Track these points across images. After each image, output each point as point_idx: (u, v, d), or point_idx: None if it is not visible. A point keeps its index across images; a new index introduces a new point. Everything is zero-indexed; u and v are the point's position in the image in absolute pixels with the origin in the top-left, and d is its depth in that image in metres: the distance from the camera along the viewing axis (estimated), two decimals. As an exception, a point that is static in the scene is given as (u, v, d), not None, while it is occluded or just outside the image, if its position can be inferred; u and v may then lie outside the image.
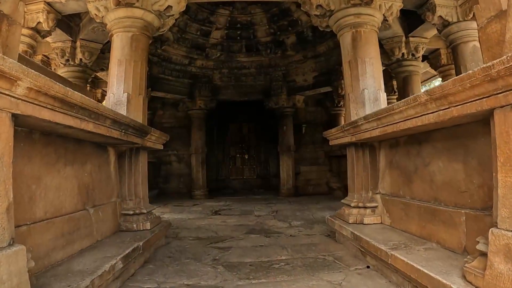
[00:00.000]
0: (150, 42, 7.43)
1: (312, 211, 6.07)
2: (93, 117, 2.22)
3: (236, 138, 10.51)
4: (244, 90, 8.82)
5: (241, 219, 5.43)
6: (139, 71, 3.57)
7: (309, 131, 9.24)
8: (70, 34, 5.40)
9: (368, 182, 3.65)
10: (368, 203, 3.58)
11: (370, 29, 3.83)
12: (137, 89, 3.53)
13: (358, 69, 3.65)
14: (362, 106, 3.61)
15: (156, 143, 3.67)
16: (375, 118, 2.72)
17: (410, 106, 2.23)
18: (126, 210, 3.49)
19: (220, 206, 7.07)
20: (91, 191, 3.00)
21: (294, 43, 7.93)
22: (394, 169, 3.34)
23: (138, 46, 3.63)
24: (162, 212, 6.19)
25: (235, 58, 8.37)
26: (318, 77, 8.10)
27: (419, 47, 5.79)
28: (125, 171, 3.52)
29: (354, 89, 3.64)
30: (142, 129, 3.10)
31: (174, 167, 9.01)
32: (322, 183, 8.96)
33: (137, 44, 3.63)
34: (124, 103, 3.47)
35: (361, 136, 3.14)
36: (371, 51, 3.75)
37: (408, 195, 3.12)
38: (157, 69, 7.85)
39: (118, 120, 2.52)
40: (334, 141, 3.89)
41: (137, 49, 3.61)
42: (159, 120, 9.13)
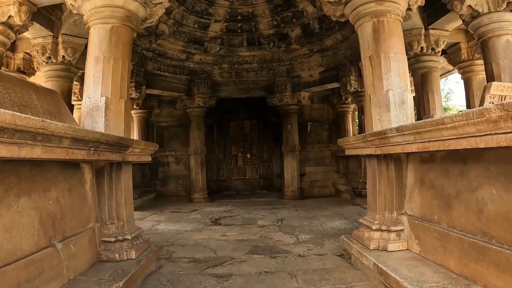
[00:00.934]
0: (144, 36, 6.84)
1: (320, 220, 5.47)
2: (40, 139, 1.60)
3: (237, 136, 9.89)
4: (245, 86, 8.16)
5: (243, 231, 4.85)
6: (120, 70, 2.94)
7: (314, 130, 8.60)
8: (51, 29, 4.75)
9: (392, 201, 3.04)
10: (392, 226, 2.97)
11: (395, 19, 3.17)
12: (118, 92, 2.90)
13: (382, 66, 3.00)
14: (386, 110, 2.97)
15: (142, 155, 3.06)
16: (413, 132, 2.09)
17: (472, 122, 1.61)
18: (107, 237, 2.90)
19: (221, 212, 6.49)
20: (60, 221, 2.41)
21: (299, 36, 7.23)
22: (426, 188, 2.73)
23: (119, 41, 2.99)
24: (157, 222, 5.62)
25: (236, 53, 7.69)
26: (324, 72, 7.42)
27: (440, 40, 5.10)
28: (104, 190, 2.91)
29: (376, 90, 3.00)
30: (120, 143, 2.49)
31: (172, 169, 8.41)
32: (328, 184, 8.36)
33: (118, 38, 2.98)
34: (101, 109, 2.85)
35: (390, 150, 2.52)
36: (396, 44, 3.09)
37: (446, 222, 2.52)
38: (152, 65, 7.20)
39: (81, 138, 1.90)
40: (351, 150, 3.27)
41: (117, 44, 2.97)
42: (156, 119, 8.51)
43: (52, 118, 2.69)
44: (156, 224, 5.46)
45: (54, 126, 1.62)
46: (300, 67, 7.69)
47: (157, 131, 8.51)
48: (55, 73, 4.95)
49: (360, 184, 6.85)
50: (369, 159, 3.11)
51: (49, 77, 4.99)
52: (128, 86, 3.07)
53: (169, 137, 8.53)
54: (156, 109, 8.46)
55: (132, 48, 6.66)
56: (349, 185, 7.61)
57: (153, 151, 3.33)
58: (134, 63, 6.74)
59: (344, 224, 5.12)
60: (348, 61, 6.80)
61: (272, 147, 9.69)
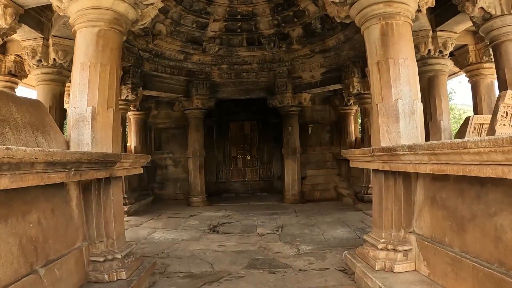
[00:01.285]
0: (141, 36, 6.60)
1: (321, 228, 5.27)
2: (6, 168, 1.39)
3: (237, 138, 9.67)
4: (245, 87, 7.92)
5: (242, 241, 4.65)
6: (108, 77, 2.71)
7: (316, 132, 8.37)
8: (41, 31, 4.51)
9: (400, 219, 2.83)
10: (399, 246, 2.76)
11: (404, 21, 2.93)
12: (105, 101, 2.68)
13: (390, 72, 2.76)
14: (395, 121, 2.75)
15: (132, 169, 2.85)
16: (428, 152, 1.88)
17: (501, 150, 1.39)
18: (95, 256, 2.70)
19: (219, 218, 6.28)
20: (42, 244, 2.22)
21: (300, 36, 6.98)
22: (437, 207, 2.52)
23: (107, 45, 2.76)
24: (153, 229, 5.42)
25: (235, 53, 7.44)
26: (326, 73, 7.17)
27: (448, 43, 4.85)
28: (92, 207, 2.71)
29: (384, 99, 2.77)
30: (105, 160, 2.27)
31: (170, 172, 8.21)
32: (330, 188, 8.15)
33: (105, 42, 2.76)
34: (88, 120, 2.63)
35: (400, 168, 2.30)
36: (406, 49, 2.86)
37: (458, 246, 2.32)
38: (149, 65, 6.96)
39: (57, 161, 1.69)
40: (356, 163, 3.05)
41: (105, 48, 2.74)
42: (154, 121, 8.29)
43: (34, 132, 2.48)
44: (152, 231, 5.26)
45: (22, 152, 1.40)
46: (301, 68, 7.45)
47: (155, 133, 8.30)
48: (46, 77, 4.72)
49: (363, 189, 6.65)
50: (376, 173, 2.89)
51: (40, 80, 4.76)
52: (118, 94, 2.84)
53: (167, 139, 8.31)
54: (153, 111, 8.24)
55: (128, 49, 6.50)
56: (351, 189, 7.40)
57: (145, 162, 3.11)
58: (131, 64, 6.52)
59: (346, 233, 4.92)
60: (351, 62, 6.55)
61: (272, 149, 9.47)
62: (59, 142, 2.67)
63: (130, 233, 5.14)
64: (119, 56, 2.90)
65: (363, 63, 6.48)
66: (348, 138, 8.04)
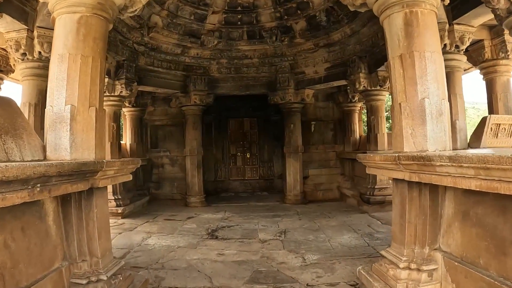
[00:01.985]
0: (135, 28, 6.14)
1: (326, 233, 4.91)
2: None
3: (236, 135, 9.28)
4: (245, 83, 7.51)
5: (243, 249, 4.29)
6: (90, 70, 2.31)
7: (318, 129, 7.98)
8: (25, 22, 4.06)
9: (425, 234, 2.46)
10: (424, 265, 2.40)
11: (430, 10, 2.54)
12: (87, 99, 2.29)
13: (416, 67, 2.38)
14: (421, 123, 2.37)
15: (119, 176, 2.46)
16: (477, 166, 1.51)
17: None
18: (77, 278, 2.32)
19: (218, 220, 5.92)
20: (11, 270, 1.85)
21: (304, 29, 6.56)
22: (471, 224, 2.15)
23: (89, 34, 2.35)
24: (148, 233, 5.05)
25: (235, 47, 7.01)
26: (331, 69, 6.77)
27: (465, 37, 4.46)
28: (72, 222, 2.32)
29: (409, 98, 2.39)
30: (83, 171, 1.89)
31: (166, 170, 7.81)
32: (333, 187, 7.79)
33: (87, 31, 2.35)
34: (66, 121, 2.24)
35: (434, 180, 1.94)
36: (433, 41, 2.47)
37: (496, 270, 1.97)
38: (144, 59, 6.53)
39: (13, 179, 1.31)
40: (375, 170, 2.68)
41: (86, 38, 2.34)
42: (150, 117, 7.86)
43: (3, 136, 2.08)
44: (146, 236, 4.89)
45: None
46: (304, 62, 7.04)
47: (151, 130, 7.88)
48: (31, 71, 4.28)
49: (369, 190, 6.30)
50: (397, 182, 2.52)
51: (25, 75, 4.33)
52: (102, 90, 2.44)
53: (163, 136, 7.90)
54: (149, 107, 7.82)
55: (121, 42, 6.02)
56: (356, 189, 7.06)
57: (134, 168, 2.73)
58: (125, 58, 6.09)
59: (354, 240, 4.56)
60: (357, 57, 6.15)
61: (273, 146, 9.09)
62: (34, 147, 2.28)
63: (123, 239, 4.77)
64: (104, 46, 2.50)
65: (370, 58, 6.10)
66: (352, 136, 7.67)
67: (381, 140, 6.27)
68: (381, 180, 6.21)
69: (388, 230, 4.99)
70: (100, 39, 2.43)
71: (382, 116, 6.35)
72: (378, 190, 6.19)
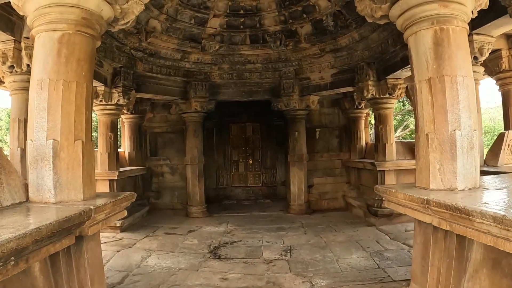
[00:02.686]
0: (133, 34, 5.81)
1: (334, 251, 4.63)
2: None
3: (238, 141, 8.97)
4: (248, 88, 7.19)
5: (247, 271, 4.00)
6: (75, 98, 2.01)
7: (323, 136, 7.66)
8: (12, 32, 3.74)
9: (449, 278, 2.16)
10: (453, 316, 2.11)
11: (461, 27, 2.23)
12: (71, 131, 1.99)
13: (446, 94, 2.07)
14: (450, 157, 2.07)
15: (112, 216, 2.17)
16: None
17: None
18: (63, 331, 2.04)
19: (221, 234, 5.64)
20: None
21: (309, 34, 6.21)
22: (502, 274, 1.85)
23: (72, 55, 2.04)
24: (147, 252, 4.77)
25: (238, 51, 6.68)
26: (337, 75, 6.44)
27: (484, 48, 4.12)
28: (61, 270, 2.03)
29: (437, 128, 2.08)
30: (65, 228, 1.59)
31: (167, 179, 7.52)
32: (338, 196, 7.50)
33: (70, 51, 2.04)
34: (48, 158, 1.94)
35: (470, 234, 1.64)
36: (465, 64, 2.16)
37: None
38: (142, 66, 6.21)
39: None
40: (396, 206, 2.37)
41: (69, 59, 2.03)
42: (149, 125, 7.55)
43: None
44: (146, 255, 4.61)
45: None
46: (309, 68, 6.71)
47: (150, 138, 7.58)
48: (20, 85, 3.96)
49: (376, 202, 6.00)
50: (421, 222, 2.22)
51: (14, 89, 4.02)
52: (89, 119, 2.14)
53: (163, 144, 7.60)
54: (149, 114, 7.50)
55: (118, 48, 5.66)
56: (362, 199, 6.76)
57: (129, 203, 2.43)
58: (122, 65, 5.78)
59: (363, 260, 4.27)
60: (365, 64, 5.82)
61: (276, 153, 8.79)
62: (14, 188, 1.98)
63: (122, 258, 4.49)
64: (91, 68, 2.19)
65: (378, 65, 5.77)
66: (358, 144, 7.36)
67: (390, 150, 5.96)
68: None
69: (397, 247, 4.72)
70: (86, 60, 2.11)
71: (390, 125, 6.03)
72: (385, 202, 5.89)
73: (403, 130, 17.23)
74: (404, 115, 17.13)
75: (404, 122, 17.26)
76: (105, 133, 5.87)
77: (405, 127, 17.31)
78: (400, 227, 5.64)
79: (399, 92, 5.80)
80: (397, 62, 5.28)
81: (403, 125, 17.27)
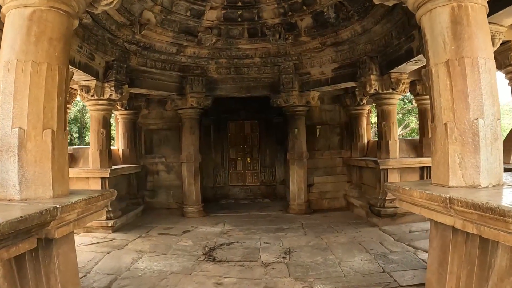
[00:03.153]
0: (125, 25, 5.53)
1: (336, 253, 4.37)
2: None
3: (236, 138, 8.72)
4: (246, 84, 6.94)
5: (244, 275, 3.74)
6: (45, 82, 1.76)
7: (324, 134, 7.40)
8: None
9: (470, 287, 1.93)
10: (474, 330, 1.87)
11: (481, 5, 1.98)
12: (40, 119, 1.74)
13: (467, 78, 1.83)
14: (473, 150, 1.82)
15: (87, 216, 1.91)
16: None
17: None
18: None
19: (217, 235, 5.39)
20: None
21: (310, 27, 5.96)
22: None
23: (44, 33, 1.80)
24: (139, 253, 4.51)
25: (235, 45, 6.43)
26: (339, 69, 6.20)
27: (496, 38, 3.84)
28: (28, 276, 1.78)
29: (458, 117, 1.84)
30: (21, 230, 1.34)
31: (162, 178, 7.26)
32: (339, 196, 7.25)
33: (42, 29, 1.79)
34: (13, 149, 1.70)
35: (503, 238, 1.40)
36: (486, 45, 1.92)
37: None
38: (136, 59, 5.96)
39: None
40: (409, 206, 2.11)
41: (40, 39, 1.79)
42: (144, 121, 7.29)
43: None
44: (137, 257, 4.35)
45: None
46: (310, 63, 6.46)
47: (145, 135, 7.32)
48: None
49: (379, 201, 5.75)
50: (437, 224, 1.97)
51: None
52: (62, 106, 1.89)
53: (159, 141, 7.34)
54: (144, 110, 7.24)
55: (110, 41, 5.36)
56: (364, 199, 6.52)
57: (108, 202, 2.17)
58: (114, 58, 5.54)
59: (367, 263, 4.02)
60: (368, 58, 5.58)
61: (275, 151, 8.54)
62: (-28, 182, 1.73)
63: (111, 260, 4.24)
64: (65, 49, 1.93)
65: (382, 59, 5.52)
66: (360, 141, 7.11)
67: (393, 147, 5.71)
68: (393, 190, 5.66)
69: (402, 249, 4.47)
70: (59, 39, 1.86)
71: (394, 121, 5.78)
72: (389, 202, 5.64)
73: (404, 129, 17.01)
74: (405, 114, 16.91)
75: (404, 121, 17.04)
76: (97, 129, 5.62)
77: (406, 126, 17.10)
78: (404, 228, 5.40)
79: (403, 87, 5.56)
80: (401, 56, 5.03)
81: (404, 124, 17.04)
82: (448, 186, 1.84)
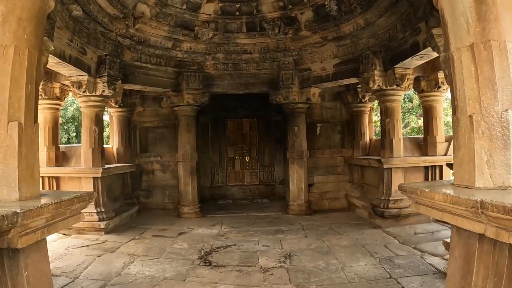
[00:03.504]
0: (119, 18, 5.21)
1: (339, 257, 4.14)
2: None
3: (235, 137, 8.48)
4: (244, 80, 6.71)
5: (241, 282, 3.51)
6: (11, 67, 1.53)
7: (325, 132, 7.17)
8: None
9: (499, 301, 1.69)
10: None
11: (508, -20, 1.74)
12: (5, 110, 1.51)
13: (495, 64, 1.59)
14: (502, 145, 1.59)
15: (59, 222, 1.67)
16: None
17: None
18: None
19: (213, 237, 5.15)
20: None
21: (310, 21, 5.73)
22: None
23: (12, 13, 1.56)
24: (131, 257, 4.27)
25: (233, 40, 6.19)
26: (340, 65, 5.97)
27: None
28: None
29: (484, 108, 1.61)
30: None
31: (157, 177, 7.01)
32: (340, 196, 7.03)
33: (10, 9, 1.56)
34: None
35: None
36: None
37: None
38: (130, 54, 5.72)
39: None
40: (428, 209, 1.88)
41: (7, 19, 1.55)
42: (139, 119, 7.04)
43: None
44: (129, 261, 4.12)
45: None
46: (310, 58, 6.23)
47: (140, 133, 7.07)
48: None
49: (383, 202, 5.53)
50: (461, 231, 1.74)
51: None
52: (32, 96, 1.65)
53: (154, 139, 7.09)
54: (138, 107, 6.99)
55: (103, 34, 5.06)
56: (366, 199, 6.29)
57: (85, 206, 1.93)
58: (107, 53, 5.30)
59: (372, 267, 3.80)
60: (371, 52, 5.35)
61: (274, 150, 8.31)
62: None
63: (101, 264, 4.00)
64: (37, 31, 1.69)
65: (385, 54, 5.29)
66: (362, 140, 6.89)
67: (397, 145, 5.49)
68: (397, 190, 5.43)
69: (408, 253, 4.24)
70: (30, 20, 1.62)
71: (398, 119, 5.56)
72: (393, 202, 5.43)
73: (404, 128, 16.79)
74: (405, 113, 16.69)
75: (405, 120, 16.82)
76: (89, 126, 5.37)
77: (406, 125, 16.88)
78: (409, 230, 5.17)
79: (408, 83, 5.33)
80: (406, 50, 4.81)
81: (404, 123, 16.83)
82: (474, 187, 1.61)
